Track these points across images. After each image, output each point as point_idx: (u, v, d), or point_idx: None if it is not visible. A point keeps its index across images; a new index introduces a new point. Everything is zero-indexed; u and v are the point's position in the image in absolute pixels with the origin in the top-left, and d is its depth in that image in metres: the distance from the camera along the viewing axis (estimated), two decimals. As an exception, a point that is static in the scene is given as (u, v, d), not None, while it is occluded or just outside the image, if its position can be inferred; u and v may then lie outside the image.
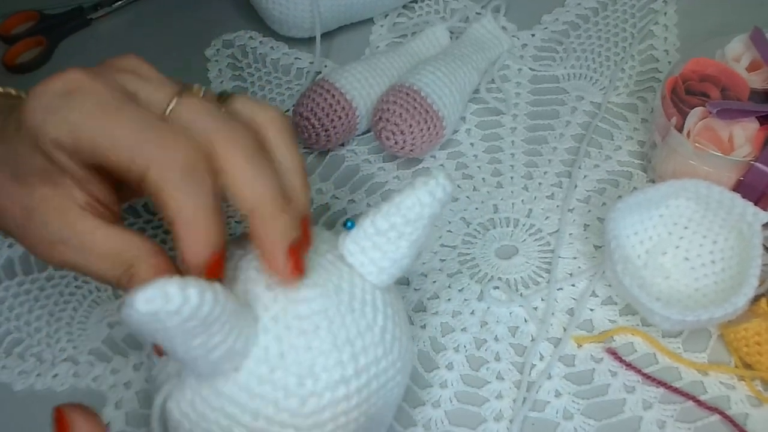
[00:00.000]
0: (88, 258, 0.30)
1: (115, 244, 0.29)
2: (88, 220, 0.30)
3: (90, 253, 0.29)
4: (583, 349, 0.39)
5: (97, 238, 0.29)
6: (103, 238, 0.29)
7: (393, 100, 0.45)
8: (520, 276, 0.42)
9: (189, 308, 0.24)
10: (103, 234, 0.30)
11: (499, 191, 0.46)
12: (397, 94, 0.45)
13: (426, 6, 0.57)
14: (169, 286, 0.23)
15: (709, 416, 0.36)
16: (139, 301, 0.23)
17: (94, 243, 0.29)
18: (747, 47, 0.44)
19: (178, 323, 0.24)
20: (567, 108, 0.50)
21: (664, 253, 0.41)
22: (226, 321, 0.26)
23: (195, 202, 0.28)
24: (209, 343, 0.26)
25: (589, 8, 0.56)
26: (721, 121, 0.41)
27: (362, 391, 0.29)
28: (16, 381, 0.39)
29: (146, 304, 0.23)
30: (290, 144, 0.31)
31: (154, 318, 0.23)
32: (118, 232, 0.30)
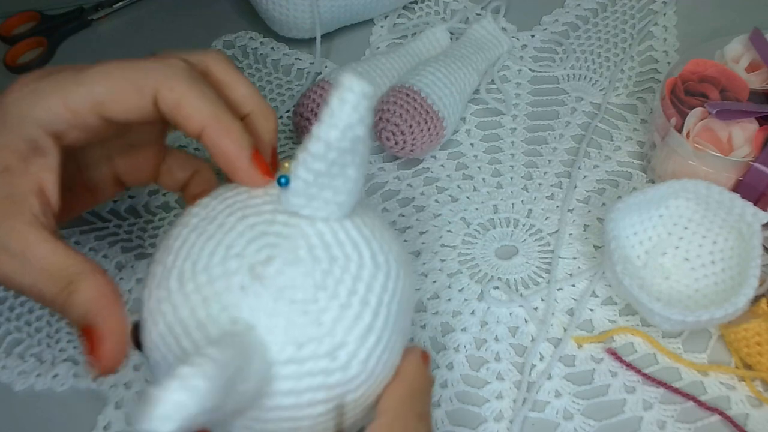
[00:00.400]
0: (27, 270, 0.28)
1: (59, 258, 0.28)
2: (37, 231, 0.29)
3: (31, 265, 0.28)
4: (583, 349, 0.39)
5: (41, 250, 0.28)
6: (47, 252, 0.28)
7: (393, 101, 0.45)
8: (520, 276, 0.42)
9: (212, 398, 0.22)
10: (50, 248, 0.28)
11: (499, 191, 0.46)
12: (398, 94, 0.45)
13: (426, 7, 0.57)
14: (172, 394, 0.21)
15: (709, 416, 0.36)
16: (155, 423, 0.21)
17: (38, 255, 0.28)
18: (746, 48, 0.44)
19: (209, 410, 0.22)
20: (567, 108, 0.50)
21: (663, 253, 0.41)
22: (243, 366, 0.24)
23: (217, 103, 0.29)
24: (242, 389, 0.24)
25: (588, 9, 0.56)
26: (721, 122, 0.41)
27: (386, 324, 0.28)
28: (16, 381, 0.39)
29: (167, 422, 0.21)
30: (237, 74, 0.33)
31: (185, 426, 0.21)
32: (63, 248, 0.29)
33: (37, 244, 0.28)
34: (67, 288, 0.28)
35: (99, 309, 0.28)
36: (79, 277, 0.28)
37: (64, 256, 0.29)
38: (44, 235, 0.29)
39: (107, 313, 0.28)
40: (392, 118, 0.45)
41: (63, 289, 0.28)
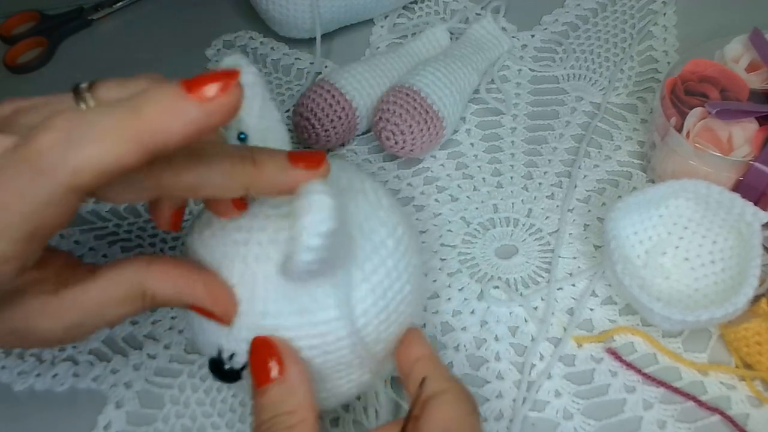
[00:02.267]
0: (105, 317, 0.28)
1: (115, 287, 0.28)
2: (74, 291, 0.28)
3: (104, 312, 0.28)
4: (583, 348, 0.39)
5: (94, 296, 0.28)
6: (100, 292, 0.28)
7: (393, 101, 0.45)
8: (520, 276, 0.42)
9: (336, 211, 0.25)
10: (98, 288, 0.28)
11: (499, 191, 0.46)
12: (398, 94, 0.45)
13: (426, 7, 0.57)
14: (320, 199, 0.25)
15: (709, 416, 0.36)
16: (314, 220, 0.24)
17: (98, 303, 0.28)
18: (746, 48, 0.44)
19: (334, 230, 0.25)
20: (567, 108, 0.50)
21: (663, 253, 0.41)
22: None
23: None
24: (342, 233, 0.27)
25: (588, 9, 0.56)
26: (721, 122, 0.41)
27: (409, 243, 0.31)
28: (15, 381, 0.39)
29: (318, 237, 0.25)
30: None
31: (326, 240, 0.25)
32: (105, 277, 0.28)
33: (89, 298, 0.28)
34: (146, 297, 0.28)
35: (182, 292, 0.28)
36: (147, 280, 0.28)
37: (115, 280, 0.28)
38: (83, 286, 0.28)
39: (192, 289, 0.28)
40: (392, 118, 0.45)
41: (145, 301, 0.28)
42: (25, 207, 0.23)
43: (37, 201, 0.23)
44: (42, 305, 0.27)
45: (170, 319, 0.41)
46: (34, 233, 0.24)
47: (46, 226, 0.24)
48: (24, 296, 0.27)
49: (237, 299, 0.29)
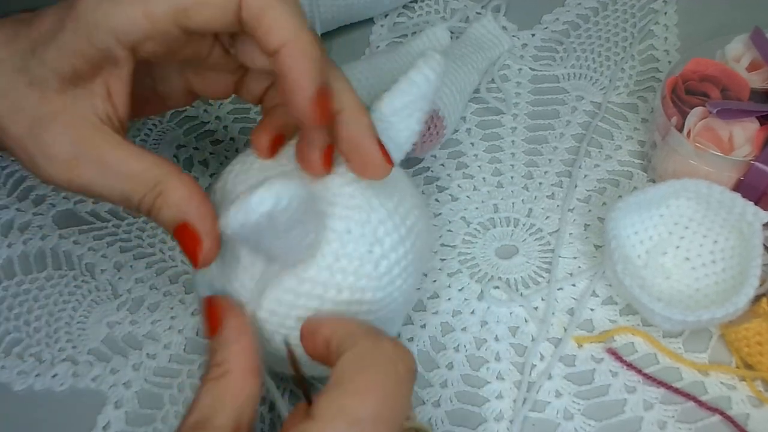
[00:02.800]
0: (106, 176, 0.28)
1: (140, 161, 0.29)
2: (108, 135, 0.29)
3: (110, 170, 0.28)
4: (584, 349, 0.39)
5: (118, 155, 0.28)
6: (125, 155, 0.29)
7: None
8: (520, 276, 0.42)
9: (296, 202, 0.26)
10: (125, 151, 0.29)
11: (499, 191, 0.46)
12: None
13: (426, 6, 0.57)
14: (275, 187, 0.26)
15: (710, 416, 0.36)
16: (254, 203, 0.25)
17: (115, 160, 0.28)
18: (747, 47, 0.44)
19: (286, 219, 0.26)
20: (567, 108, 0.50)
21: (664, 253, 0.41)
22: (313, 213, 0.29)
23: (301, 21, 0.28)
24: (305, 229, 0.29)
25: (589, 8, 0.56)
26: (722, 121, 0.41)
27: (414, 247, 0.33)
28: (15, 381, 0.39)
29: (260, 205, 0.25)
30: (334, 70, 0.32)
31: (267, 218, 0.26)
32: (139, 150, 0.29)
33: (112, 149, 0.29)
34: (155, 189, 0.28)
35: (191, 208, 0.29)
36: (166, 178, 0.29)
37: (144, 159, 0.29)
38: (117, 140, 0.29)
39: (201, 211, 0.29)
40: (392, 118, 0.45)
41: (150, 190, 0.28)
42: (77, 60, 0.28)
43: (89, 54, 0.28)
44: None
45: (170, 319, 0.41)
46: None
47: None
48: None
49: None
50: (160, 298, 0.42)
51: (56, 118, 0.28)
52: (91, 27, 0.28)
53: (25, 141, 0.29)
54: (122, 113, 0.30)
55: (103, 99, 0.29)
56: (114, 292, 0.42)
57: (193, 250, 0.29)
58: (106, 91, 0.29)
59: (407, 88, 0.32)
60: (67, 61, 0.28)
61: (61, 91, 0.28)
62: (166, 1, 0.28)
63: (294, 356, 0.30)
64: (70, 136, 0.28)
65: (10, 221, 0.46)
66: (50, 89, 0.28)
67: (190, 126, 0.50)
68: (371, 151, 0.29)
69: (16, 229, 0.45)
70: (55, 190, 0.47)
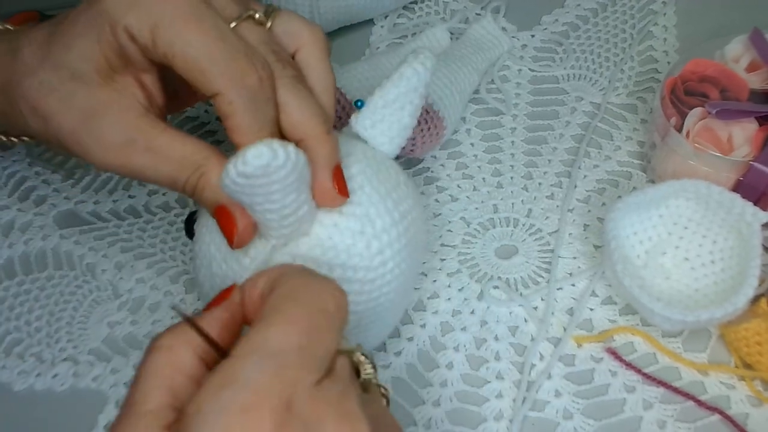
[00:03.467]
0: (156, 160, 0.30)
1: (183, 145, 0.30)
2: (154, 122, 0.30)
3: (158, 154, 0.30)
4: (583, 348, 0.39)
5: (165, 140, 0.30)
6: (170, 140, 0.30)
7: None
8: (520, 276, 0.42)
9: (291, 163, 0.27)
10: (170, 136, 0.30)
11: (499, 191, 0.46)
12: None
13: (426, 7, 0.57)
14: (273, 144, 0.26)
15: (709, 416, 0.36)
16: (250, 156, 0.25)
17: (162, 144, 0.30)
18: (746, 48, 0.44)
19: (281, 177, 0.27)
20: (567, 108, 0.50)
21: (663, 253, 0.41)
22: (308, 186, 0.29)
23: (260, 131, 0.29)
24: (299, 199, 0.29)
25: (588, 9, 0.56)
26: (721, 122, 0.41)
27: (407, 232, 0.33)
28: (15, 381, 0.39)
29: (257, 158, 0.25)
30: (327, 65, 0.33)
31: (263, 171, 0.26)
32: (182, 135, 0.30)
33: (158, 134, 0.30)
34: (198, 171, 0.30)
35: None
36: (207, 161, 0.30)
37: (188, 143, 0.30)
38: (162, 126, 0.30)
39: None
40: (392, 118, 0.45)
41: (194, 172, 0.30)
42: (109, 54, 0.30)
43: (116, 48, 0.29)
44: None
45: (170, 319, 0.41)
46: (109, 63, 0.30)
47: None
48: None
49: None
50: (160, 298, 0.42)
51: (107, 109, 0.30)
52: (112, 22, 0.29)
53: (79, 133, 0.30)
54: (160, 102, 0.32)
55: (140, 90, 0.31)
56: (115, 292, 0.42)
57: (230, 230, 0.30)
58: (140, 82, 0.31)
59: (398, 81, 0.33)
60: (101, 54, 0.30)
61: (103, 84, 0.30)
62: (169, 31, 0.29)
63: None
64: (122, 124, 0.30)
65: (11, 221, 0.46)
66: (92, 82, 0.30)
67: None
68: (324, 182, 0.30)
69: (17, 229, 0.45)
70: (56, 190, 0.47)
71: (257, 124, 0.29)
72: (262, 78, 0.29)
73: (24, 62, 0.31)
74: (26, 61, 0.31)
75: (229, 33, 0.29)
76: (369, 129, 0.34)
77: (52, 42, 0.31)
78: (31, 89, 0.30)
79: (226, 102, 0.29)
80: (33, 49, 0.31)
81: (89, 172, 0.48)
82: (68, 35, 0.30)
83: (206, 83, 0.29)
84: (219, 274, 0.32)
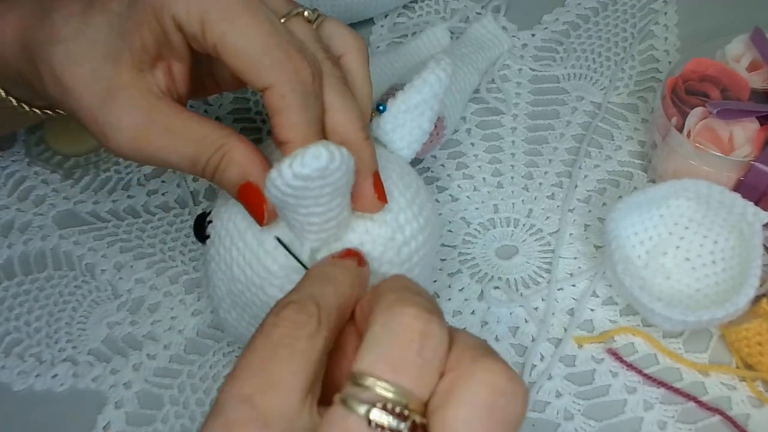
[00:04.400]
0: (175, 141, 0.30)
1: (202, 127, 0.30)
2: (172, 104, 0.30)
3: (178, 135, 0.30)
4: (584, 349, 0.39)
5: (183, 121, 0.30)
6: (189, 121, 0.30)
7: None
8: (520, 276, 0.42)
9: (345, 166, 0.26)
10: (189, 116, 0.30)
11: (499, 191, 0.46)
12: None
13: (426, 6, 0.57)
14: (330, 146, 0.26)
15: (710, 417, 0.36)
16: (309, 157, 0.25)
17: (182, 125, 0.30)
18: (747, 47, 0.44)
19: (335, 180, 0.26)
20: (567, 108, 0.50)
21: (664, 253, 0.41)
22: (350, 191, 0.29)
23: (309, 127, 0.29)
24: (343, 203, 0.29)
25: (589, 8, 0.56)
26: (722, 121, 0.41)
27: (430, 237, 0.34)
28: (15, 381, 0.39)
29: (316, 160, 0.25)
30: (367, 73, 0.33)
31: (320, 174, 0.26)
32: (201, 117, 0.30)
33: (178, 116, 0.30)
34: (220, 151, 0.29)
35: (254, 166, 0.29)
36: (228, 140, 0.30)
37: (206, 123, 0.30)
38: (180, 108, 0.30)
39: (263, 168, 0.29)
40: (392, 118, 0.45)
41: (215, 152, 0.29)
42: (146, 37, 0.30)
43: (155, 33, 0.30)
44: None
45: (170, 319, 0.41)
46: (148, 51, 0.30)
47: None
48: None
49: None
50: (160, 299, 0.42)
51: (126, 90, 0.30)
52: (158, 7, 0.29)
53: (97, 112, 0.30)
54: (182, 91, 0.32)
55: (166, 75, 0.31)
56: (114, 292, 0.42)
57: (259, 207, 0.29)
58: (168, 69, 0.31)
59: (421, 87, 0.33)
60: (138, 38, 0.30)
61: (131, 65, 0.30)
62: (221, 22, 0.28)
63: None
64: (140, 107, 0.30)
65: (10, 221, 0.46)
66: (122, 63, 0.30)
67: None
68: (365, 188, 0.30)
69: (17, 229, 0.45)
70: (55, 190, 0.47)
71: (306, 121, 0.29)
72: (314, 74, 0.29)
73: (53, 27, 0.30)
74: (56, 27, 0.30)
75: (281, 27, 0.29)
76: (389, 133, 0.34)
77: (89, 15, 0.30)
78: (56, 56, 0.30)
79: (278, 95, 0.28)
80: (64, 17, 0.30)
81: (88, 172, 0.48)
82: (108, 12, 0.30)
83: (257, 76, 0.28)
84: (242, 279, 0.32)
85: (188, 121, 0.30)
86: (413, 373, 0.21)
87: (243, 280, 0.32)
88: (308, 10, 0.32)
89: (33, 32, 0.31)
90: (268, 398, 0.21)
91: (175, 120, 0.30)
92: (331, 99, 0.30)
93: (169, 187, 0.47)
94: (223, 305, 0.34)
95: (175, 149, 0.30)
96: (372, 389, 0.20)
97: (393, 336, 0.21)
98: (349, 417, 0.20)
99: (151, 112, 0.30)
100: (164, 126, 0.30)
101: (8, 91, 0.35)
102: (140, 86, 0.30)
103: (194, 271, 0.43)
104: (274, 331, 0.23)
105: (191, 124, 0.30)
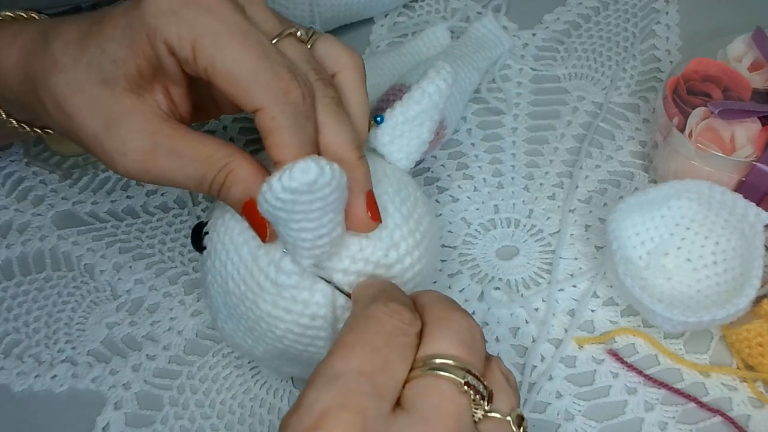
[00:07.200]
0: (181, 162, 0.30)
1: (206, 146, 0.30)
2: (176, 125, 0.31)
3: (183, 156, 0.30)
4: (585, 350, 0.39)
5: (188, 141, 0.30)
6: (194, 141, 0.30)
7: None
8: (520, 277, 0.42)
9: (336, 181, 0.26)
10: (193, 137, 0.30)
11: (499, 191, 0.46)
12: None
13: (426, 5, 0.57)
14: (321, 161, 0.26)
15: (710, 418, 0.36)
16: (297, 171, 0.25)
17: (187, 146, 0.30)
18: (749, 47, 0.44)
19: (325, 195, 0.26)
20: (568, 108, 0.50)
21: (665, 254, 0.40)
22: (342, 209, 0.29)
23: (301, 148, 0.29)
24: (335, 220, 0.29)
25: (590, 7, 0.56)
26: (723, 122, 0.40)
27: (427, 251, 0.33)
28: (14, 382, 0.39)
29: (304, 174, 0.25)
30: (363, 91, 0.33)
31: (309, 188, 0.26)
32: (204, 136, 0.31)
33: (183, 137, 0.30)
34: (225, 169, 0.30)
35: (258, 183, 0.29)
36: (233, 158, 0.30)
37: (211, 143, 0.31)
38: (185, 129, 0.31)
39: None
40: (392, 118, 0.45)
41: (221, 170, 0.30)
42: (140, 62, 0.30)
43: (149, 57, 0.30)
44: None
45: (169, 320, 0.41)
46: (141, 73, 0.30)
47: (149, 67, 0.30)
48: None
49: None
50: (159, 299, 0.42)
51: (131, 115, 0.30)
52: (150, 32, 0.29)
53: (102, 137, 0.30)
54: (184, 113, 0.32)
55: (166, 97, 0.31)
56: (113, 293, 0.42)
57: (262, 224, 0.30)
58: (166, 92, 0.31)
59: (420, 98, 0.33)
60: (133, 62, 0.30)
61: (130, 90, 0.30)
62: (212, 46, 0.28)
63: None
64: (145, 131, 0.30)
65: (8, 222, 0.46)
66: (120, 87, 0.30)
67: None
68: (357, 207, 0.30)
69: (15, 229, 0.45)
70: (54, 190, 0.47)
71: (298, 141, 0.29)
72: (305, 95, 0.29)
73: (53, 56, 0.31)
74: (56, 56, 0.31)
75: (272, 49, 0.29)
76: (387, 145, 0.34)
77: (85, 42, 0.30)
78: (58, 86, 0.30)
79: (269, 117, 0.28)
80: (63, 45, 0.31)
81: (87, 173, 0.48)
82: (103, 38, 0.30)
83: (248, 98, 0.29)
84: (236, 293, 0.32)
85: (193, 141, 0.30)
86: (476, 354, 0.26)
87: (238, 294, 0.32)
88: (302, 29, 0.32)
89: (35, 62, 0.31)
90: (385, 378, 0.25)
91: (179, 141, 0.30)
92: (324, 119, 0.30)
93: (168, 188, 0.47)
94: (220, 315, 0.34)
95: (181, 170, 0.30)
96: (454, 365, 0.25)
97: (453, 330, 0.26)
98: (443, 384, 0.25)
99: (156, 135, 0.30)
100: (169, 148, 0.30)
101: (10, 113, 0.35)
102: (143, 110, 0.30)
103: (193, 272, 0.43)
104: (388, 320, 0.26)
105: (196, 144, 0.30)
